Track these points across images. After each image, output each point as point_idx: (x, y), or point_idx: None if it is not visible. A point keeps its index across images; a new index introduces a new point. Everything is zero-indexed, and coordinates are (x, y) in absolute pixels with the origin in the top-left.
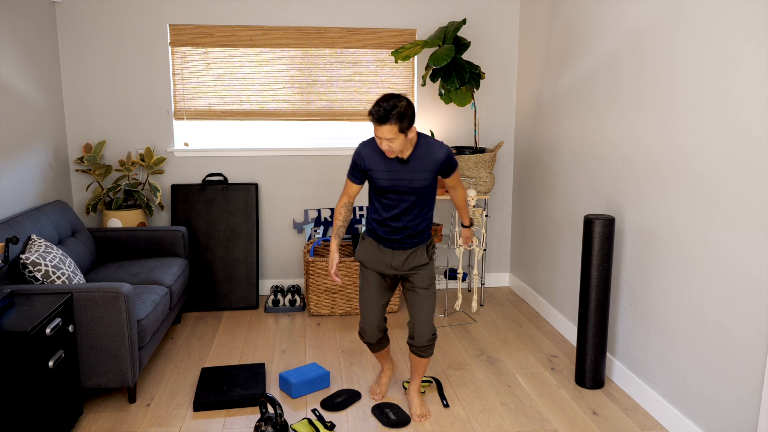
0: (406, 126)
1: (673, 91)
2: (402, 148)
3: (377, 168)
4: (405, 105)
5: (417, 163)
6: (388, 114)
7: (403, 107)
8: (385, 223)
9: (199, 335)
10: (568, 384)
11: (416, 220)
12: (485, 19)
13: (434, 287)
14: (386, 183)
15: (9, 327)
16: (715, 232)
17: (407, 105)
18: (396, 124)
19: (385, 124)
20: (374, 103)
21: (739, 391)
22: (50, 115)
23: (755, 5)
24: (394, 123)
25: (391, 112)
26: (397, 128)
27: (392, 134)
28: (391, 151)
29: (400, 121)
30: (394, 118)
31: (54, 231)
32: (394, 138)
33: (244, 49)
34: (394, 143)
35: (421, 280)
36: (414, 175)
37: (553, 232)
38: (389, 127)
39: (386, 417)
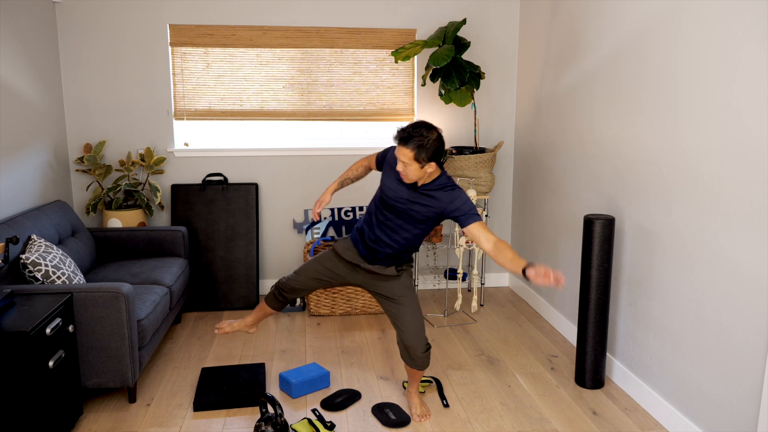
0: (425, 158)
1: (673, 91)
2: (415, 177)
3: (389, 176)
4: (432, 138)
5: (425, 197)
6: (410, 138)
7: (428, 140)
8: (373, 231)
9: (199, 335)
10: (568, 384)
11: (397, 243)
12: (485, 19)
13: (412, 296)
14: (387, 192)
15: (9, 327)
16: (715, 232)
17: (435, 140)
18: (413, 150)
19: (403, 146)
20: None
21: (739, 391)
22: (50, 115)
23: (755, 5)
24: (412, 149)
25: (413, 138)
26: (413, 155)
27: (407, 159)
28: (405, 176)
29: (418, 149)
30: (413, 144)
31: (54, 231)
32: (408, 164)
33: (244, 49)
34: (408, 169)
35: (391, 290)
36: (416, 206)
37: (553, 232)
38: (406, 150)
39: (386, 417)
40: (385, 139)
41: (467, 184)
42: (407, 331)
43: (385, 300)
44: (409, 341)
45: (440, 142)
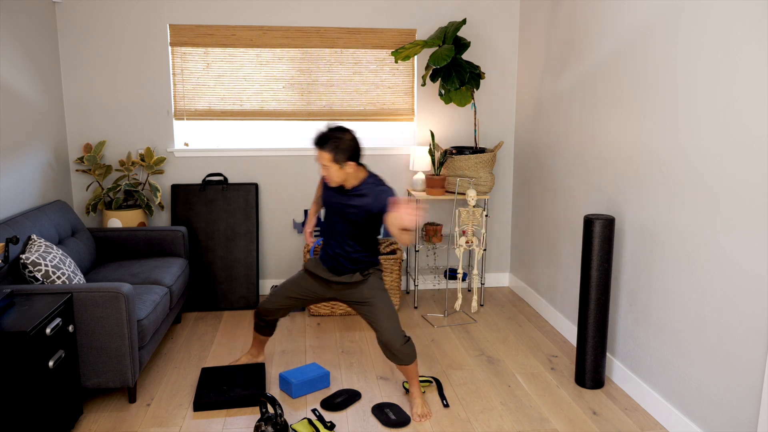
0: (342, 159)
1: (673, 91)
2: (338, 178)
3: (326, 186)
4: (347, 139)
5: (355, 198)
6: (325, 140)
7: (343, 141)
8: (330, 243)
9: (199, 335)
10: (568, 384)
11: (348, 248)
12: (485, 19)
13: (381, 296)
14: (327, 202)
15: (9, 327)
16: (715, 232)
17: (350, 140)
18: (330, 152)
19: (321, 149)
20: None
21: (739, 391)
22: (50, 115)
23: (755, 5)
24: (329, 151)
25: (329, 140)
26: (331, 157)
27: (326, 161)
28: (329, 179)
29: (335, 151)
30: (329, 146)
31: (54, 231)
32: (328, 166)
33: (244, 49)
34: (329, 171)
35: (361, 294)
36: (349, 208)
37: (553, 232)
38: (324, 153)
39: (386, 417)
40: (384, 139)
41: (467, 184)
42: (381, 328)
43: (358, 306)
44: (385, 337)
45: (356, 142)
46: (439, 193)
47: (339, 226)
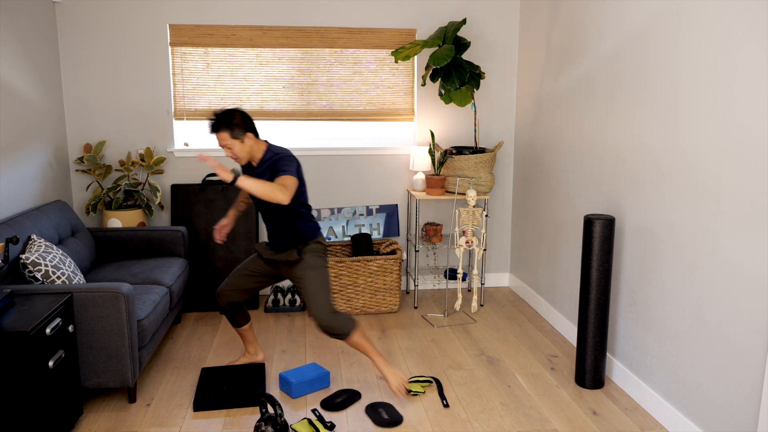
0: (239, 132)
1: (673, 91)
2: (244, 153)
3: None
4: (236, 115)
5: (259, 171)
6: (218, 123)
7: (234, 117)
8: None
9: (199, 335)
10: (568, 384)
11: (279, 225)
12: (485, 19)
13: (312, 274)
14: None
15: (9, 327)
16: (715, 232)
17: (239, 115)
18: (227, 131)
19: (217, 132)
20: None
21: (739, 391)
22: (50, 115)
23: (755, 5)
24: (225, 130)
25: (221, 121)
26: (229, 134)
27: (227, 141)
28: (237, 158)
29: (229, 128)
30: (223, 126)
31: (54, 231)
32: (230, 146)
33: (244, 49)
34: (234, 150)
35: (296, 272)
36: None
37: (553, 232)
38: (222, 135)
39: (379, 416)
40: (384, 139)
41: (467, 184)
42: (310, 305)
43: (296, 283)
44: (313, 312)
45: (245, 115)
46: (439, 193)
47: (262, 205)
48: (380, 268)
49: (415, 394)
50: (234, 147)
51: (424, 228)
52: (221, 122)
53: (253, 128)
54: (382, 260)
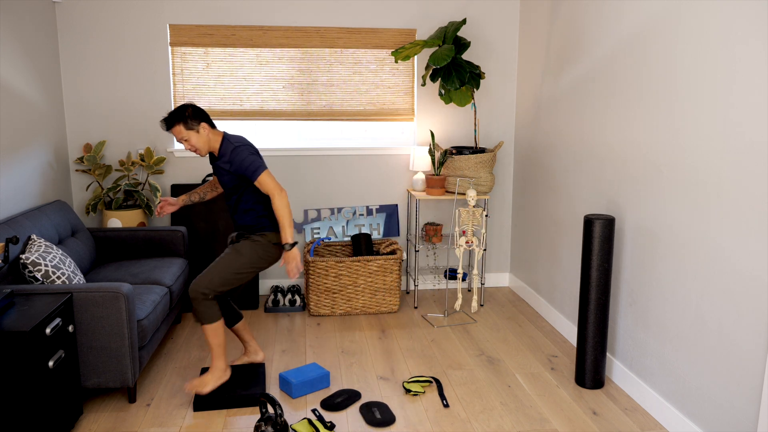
0: (193, 124)
1: (673, 90)
2: (203, 144)
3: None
4: (187, 108)
5: (221, 162)
6: (171, 118)
7: (185, 110)
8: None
9: (199, 335)
10: (568, 384)
11: (237, 213)
12: (485, 19)
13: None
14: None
15: (9, 327)
16: (715, 232)
17: (191, 108)
18: (181, 123)
19: (173, 127)
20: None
21: (739, 391)
22: (50, 115)
23: (755, 5)
24: (179, 123)
25: (173, 116)
26: (183, 127)
27: (183, 134)
28: (195, 149)
29: (183, 121)
30: (177, 120)
31: (54, 231)
32: (187, 138)
33: (244, 49)
34: (192, 142)
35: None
36: (219, 171)
37: (553, 232)
38: (178, 128)
39: (371, 416)
40: (384, 139)
41: (467, 184)
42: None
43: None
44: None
45: (195, 107)
46: (439, 193)
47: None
48: (380, 268)
49: (415, 394)
50: (191, 138)
51: (424, 228)
52: (174, 117)
53: (208, 119)
54: (382, 260)
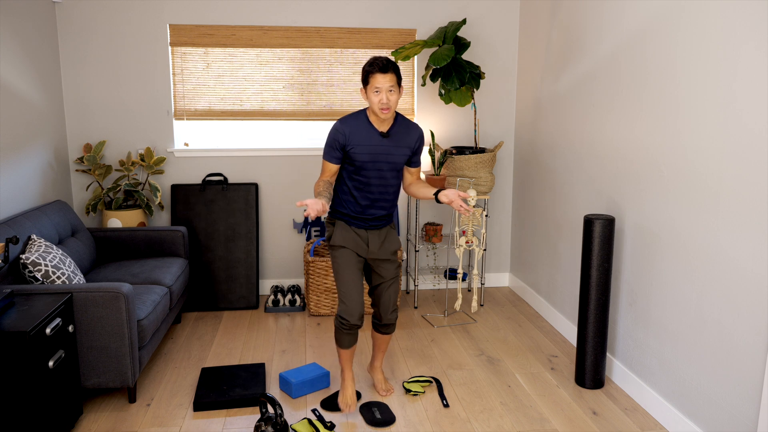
0: (401, 81)
1: (673, 90)
2: (396, 105)
3: (359, 142)
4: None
5: (396, 137)
6: (390, 63)
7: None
8: (358, 202)
9: (199, 335)
10: (568, 384)
11: (386, 200)
12: (485, 19)
13: (399, 275)
14: (366, 157)
15: (9, 327)
16: (715, 232)
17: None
18: (396, 75)
19: (387, 73)
20: (371, 60)
21: (739, 391)
22: (50, 115)
23: (755, 5)
24: (394, 73)
25: (391, 64)
26: (396, 80)
27: (392, 83)
28: (389, 108)
29: (397, 73)
30: (393, 68)
31: (54, 231)
32: (393, 89)
33: (244, 49)
34: (392, 96)
35: (388, 272)
36: (393, 149)
37: (553, 232)
38: (391, 75)
39: (371, 415)
40: None
41: (467, 184)
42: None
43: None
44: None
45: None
46: None
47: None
48: None
49: (415, 394)
50: (394, 93)
51: (424, 228)
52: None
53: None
54: None
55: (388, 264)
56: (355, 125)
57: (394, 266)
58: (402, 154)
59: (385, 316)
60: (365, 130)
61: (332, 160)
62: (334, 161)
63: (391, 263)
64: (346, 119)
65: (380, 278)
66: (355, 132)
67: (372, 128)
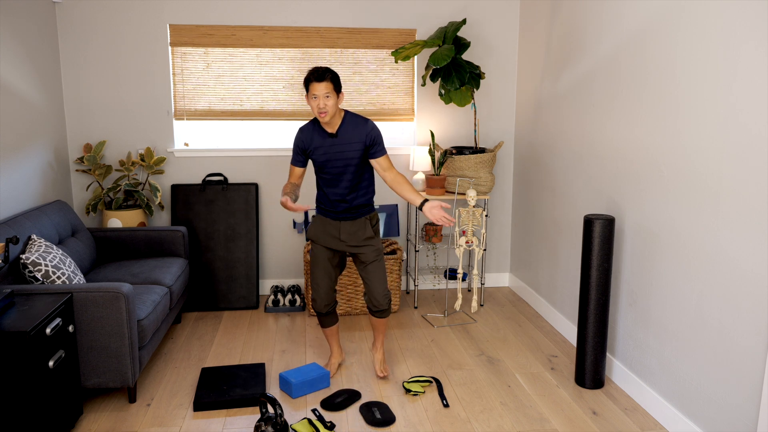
0: (339, 87)
1: (673, 90)
2: (334, 110)
3: (314, 145)
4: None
5: (345, 136)
6: (325, 72)
7: (335, 73)
8: (328, 197)
9: (199, 335)
10: (568, 384)
11: (353, 193)
12: (485, 19)
13: (382, 259)
14: (323, 158)
15: (9, 327)
16: (715, 232)
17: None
18: (331, 82)
19: (322, 81)
20: (310, 69)
21: (739, 391)
22: (50, 115)
23: (755, 5)
24: (329, 81)
25: (326, 72)
26: (332, 86)
27: (328, 90)
28: (326, 112)
29: (333, 81)
30: (329, 77)
31: (54, 231)
32: (329, 95)
33: (244, 49)
34: (329, 101)
35: (368, 256)
36: (344, 147)
37: (553, 232)
38: (326, 83)
39: (372, 415)
40: (385, 138)
41: (467, 184)
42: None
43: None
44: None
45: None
46: (439, 193)
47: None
48: None
49: (415, 394)
50: (330, 99)
51: (424, 228)
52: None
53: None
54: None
55: (365, 248)
56: (310, 131)
57: (372, 249)
58: (354, 150)
59: (376, 302)
60: (318, 133)
61: (296, 163)
62: (298, 164)
63: (368, 247)
64: (305, 126)
65: (362, 263)
66: (311, 137)
67: (323, 131)
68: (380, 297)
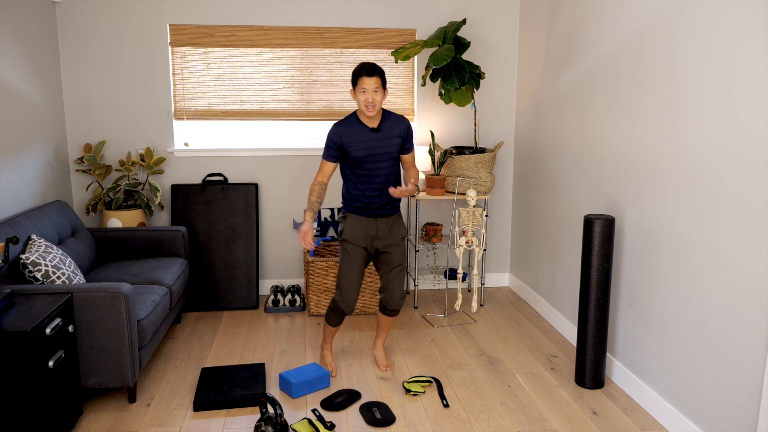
0: (386, 84)
1: (673, 90)
2: (380, 104)
3: (353, 140)
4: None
5: (387, 131)
6: (375, 68)
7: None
8: (364, 193)
9: (199, 335)
10: (568, 384)
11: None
12: (485, 19)
13: (405, 262)
14: (361, 153)
15: (9, 327)
16: (715, 232)
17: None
18: (380, 78)
19: (373, 76)
20: (359, 64)
21: (739, 391)
22: (50, 115)
23: (755, 4)
24: (378, 76)
25: (376, 68)
26: (381, 82)
27: (378, 85)
28: (374, 106)
29: (382, 77)
30: (379, 72)
31: (54, 231)
32: (378, 90)
33: (244, 49)
34: (378, 96)
35: (396, 257)
36: (384, 141)
37: (553, 232)
38: (376, 78)
39: (372, 415)
40: None
41: (467, 184)
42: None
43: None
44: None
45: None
46: (439, 193)
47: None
48: None
49: (415, 394)
50: (379, 94)
51: (424, 228)
52: (378, 69)
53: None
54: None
55: (396, 248)
56: (348, 126)
57: (400, 251)
58: (394, 144)
59: (393, 303)
60: (357, 128)
61: (329, 159)
62: (331, 159)
63: (399, 248)
64: (341, 122)
65: (388, 265)
66: (349, 132)
67: (363, 126)
68: (398, 299)
